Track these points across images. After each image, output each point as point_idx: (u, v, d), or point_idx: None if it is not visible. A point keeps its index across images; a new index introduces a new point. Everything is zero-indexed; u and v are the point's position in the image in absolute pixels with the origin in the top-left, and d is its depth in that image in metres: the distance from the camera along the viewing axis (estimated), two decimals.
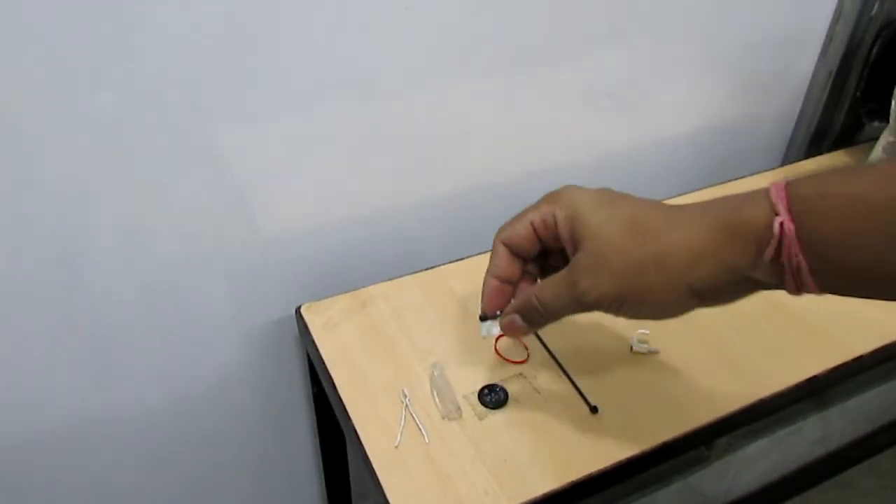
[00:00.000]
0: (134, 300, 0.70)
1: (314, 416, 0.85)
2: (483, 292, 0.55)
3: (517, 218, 0.54)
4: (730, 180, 0.91)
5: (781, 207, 0.41)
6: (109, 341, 0.72)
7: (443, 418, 0.61)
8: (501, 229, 0.54)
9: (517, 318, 0.52)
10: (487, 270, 0.55)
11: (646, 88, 0.87)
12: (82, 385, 0.73)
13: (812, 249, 0.40)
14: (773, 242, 0.41)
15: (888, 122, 0.88)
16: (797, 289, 0.43)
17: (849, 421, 0.95)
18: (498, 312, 0.55)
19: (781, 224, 0.40)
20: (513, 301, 0.54)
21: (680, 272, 0.45)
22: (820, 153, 1.03)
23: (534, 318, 0.52)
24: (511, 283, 0.55)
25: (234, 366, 0.81)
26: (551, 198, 0.52)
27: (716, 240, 0.44)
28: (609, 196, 0.50)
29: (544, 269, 0.56)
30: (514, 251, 0.54)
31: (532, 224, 0.52)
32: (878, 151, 0.81)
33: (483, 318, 0.67)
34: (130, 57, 0.57)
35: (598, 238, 0.48)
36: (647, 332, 0.68)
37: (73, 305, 0.68)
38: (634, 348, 0.67)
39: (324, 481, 0.96)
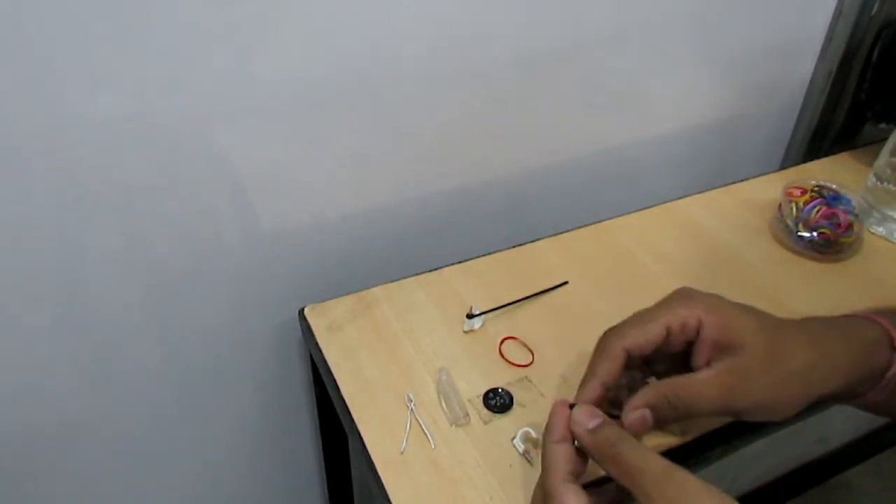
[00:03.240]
0: (134, 302, 0.70)
1: (317, 419, 0.85)
2: (583, 394, 0.51)
3: (643, 321, 0.51)
4: (730, 182, 0.91)
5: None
6: (109, 342, 0.71)
7: (451, 424, 0.60)
8: (620, 333, 0.51)
9: (648, 414, 0.49)
10: (593, 373, 0.51)
11: (645, 88, 0.87)
12: (82, 385, 0.73)
13: None
14: None
15: (895, 123, 0.88)
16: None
17: (849, 421, 0.96)
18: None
19: None
20: (640, 395, 0.49)
21: (818, 384, 0.50)
22: (820, 153, 1.03)
23: (667, 417, 0.49)
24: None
25: (236, 368, 0.81)
26: (686, 301, 0.51)
27: (852, 359, 0.50)
28: (741, 304, 0.52)
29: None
30: (633, 355, 0.51)
31: (668, 328, 0.50)
32: (885, 154, 0.81)
33: (470, 316, 0.67)
34: (128, 57, 0.56)
35: (756, 346, 0.49)
36: None
37: (73, 305, 0.67)
38: None
39: (326, 484, 0.95)
